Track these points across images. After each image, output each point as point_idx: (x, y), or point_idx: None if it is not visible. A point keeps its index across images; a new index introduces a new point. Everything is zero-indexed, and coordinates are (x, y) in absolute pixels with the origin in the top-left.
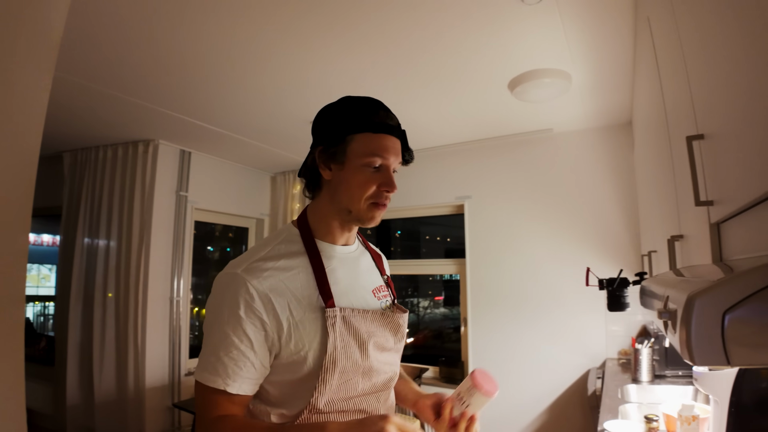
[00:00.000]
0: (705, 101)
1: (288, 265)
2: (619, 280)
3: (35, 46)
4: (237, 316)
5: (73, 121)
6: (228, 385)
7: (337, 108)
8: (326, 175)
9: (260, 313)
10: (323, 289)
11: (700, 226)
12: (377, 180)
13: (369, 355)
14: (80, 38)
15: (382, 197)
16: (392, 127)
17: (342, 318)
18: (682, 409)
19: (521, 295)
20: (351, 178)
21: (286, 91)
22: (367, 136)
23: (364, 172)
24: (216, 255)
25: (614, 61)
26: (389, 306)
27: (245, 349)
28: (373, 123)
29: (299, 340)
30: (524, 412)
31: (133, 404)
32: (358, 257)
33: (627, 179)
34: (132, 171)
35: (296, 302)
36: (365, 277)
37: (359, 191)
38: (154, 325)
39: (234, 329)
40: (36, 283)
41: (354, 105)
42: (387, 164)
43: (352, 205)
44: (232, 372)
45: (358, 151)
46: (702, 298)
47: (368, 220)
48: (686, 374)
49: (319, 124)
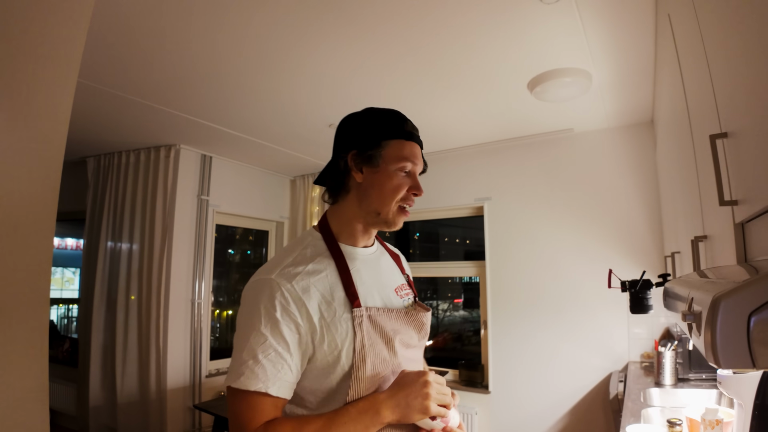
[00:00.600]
0: (728, 99)
1: (316, 269)
2: (642, 282)
3: (59, 53)
4: (274, 318)
5: (97, 127)
6: (269, 387)
7: (367, 116)
8: (358, 178)
9: (295, 316)
10: (349, 290)
11: (724, 226)
12: (407, 183)
13: (396, 351)
14: (103, 45)
15: (410, 200)
16: (417, 136)
17: (368, 317)
18: (706, 413)
19: (542, 298)
20: (385, 181)
21: (306, 95)
22: (400, 142)
23: (397, 175)
24: (237, 258)
25: (635, 59)
26: (412, 304)
27: (282, 351)
28: (404, 131)
29: (332, 341)
30: (545, 415)
31: (155, 405)
32: (379, 258)
33: (649, 179)
34: (154, 175)
35: (326, 304)
36: (387, 277)
37: (392, 193)
38: (176, 327)
39: (272, 331)
40: (60, 286)
41: (384, 114)
42: (415, 170)
43: (383, 207)
44: (272, 374)
45: (392, 155)
46: (727, 300)
47: (394, 224)
48: (710, 377)
49: (350, 131)
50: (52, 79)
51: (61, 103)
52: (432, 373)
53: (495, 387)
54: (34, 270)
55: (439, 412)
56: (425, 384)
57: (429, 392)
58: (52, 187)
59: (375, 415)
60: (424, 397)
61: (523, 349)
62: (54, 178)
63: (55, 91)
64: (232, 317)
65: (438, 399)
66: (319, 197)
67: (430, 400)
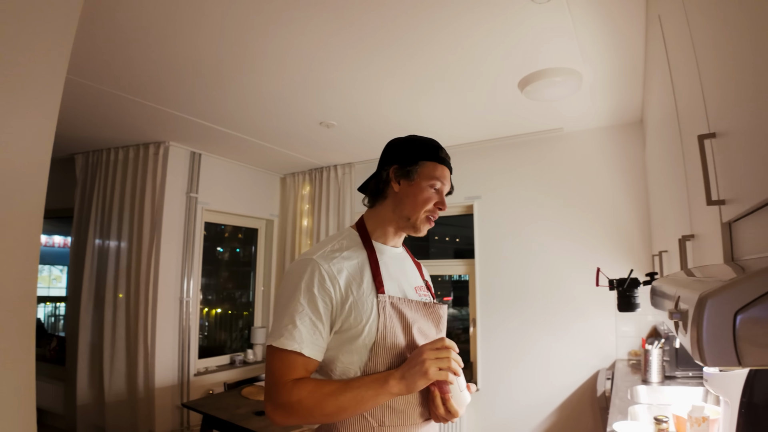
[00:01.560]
0: (717, 99)
1: (350, 256)
2: (630, 281)
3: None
4: (311, 292)
5: (85, 123)
6: (303, 348)
7: (410, 140)
8: (396, 188)
9: (330, 291)
10: (377, 278)
11: (711, 225)
12: (435, 198)
13: (414, 337)
14: (92, 42)
15: (435, 212)
16: (449, 163)
17: (391, 303)
18: (692, 411)
19: (531, 296)
20: (418, 193)
21: (297, 93)
22: (434, 164)
23: (428, 190)
24: (226, 256)
25: (625, 59)
26: (430, 302)
27: (316, 320)
28: (438, 156)
29: (358, 315)
30: (534, 413)
31: (143, 404)
32: (404, 259)
33: (638, 178)
34: (143, 173)
35: (356, 285)
36: (409, 275)
37: (423, 204)
38: (164, 325)
39: (309, 302)
40: (47, 284)
41: (424, 140)
42: (442, 189)
43: (414, 214)
44: (307, 338)
45: (426, 173)
46: (714, 298)
47: (420, 230)
48: (696, 375)
49: (394, 149)
50: (41, 76)
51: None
52: (431, 342)
53: (484, 384)
54: (21, 267)
55: (441, 375)
56: (421, 351)
57: (425, 358)
58: (40, 183)
59: (384, 383)
60: (421, 363)
61: (511, 347)
62: (42, 174)
63: (43, 87)
64: (221, 315)
65: (437, 363)
66: (309, 195)
67: (428, 365)
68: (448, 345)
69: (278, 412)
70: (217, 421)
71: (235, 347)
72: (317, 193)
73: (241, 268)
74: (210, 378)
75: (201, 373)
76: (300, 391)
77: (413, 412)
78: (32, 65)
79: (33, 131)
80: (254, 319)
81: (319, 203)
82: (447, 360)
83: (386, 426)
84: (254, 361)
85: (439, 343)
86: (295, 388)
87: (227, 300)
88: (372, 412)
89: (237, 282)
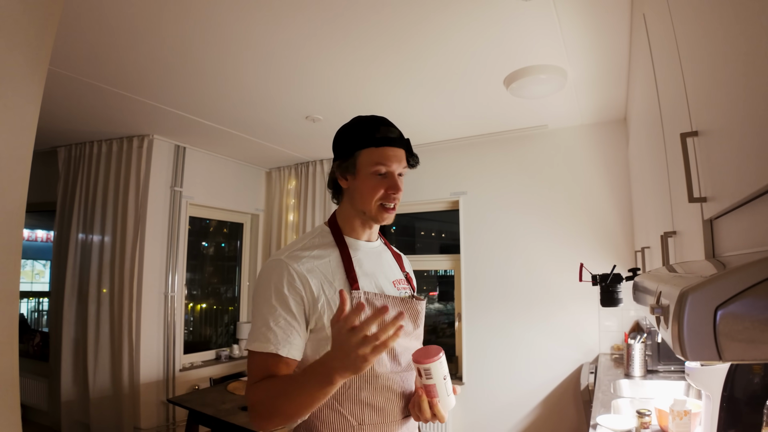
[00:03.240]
0: (699, 98)
1: (321, 254)
2: (612, 276)
3: (30, 40)
4: (282, 293)
5: (68, 115)
6: (279, 349)
7: (347, 129)
8: (344, 185)
9: (300, 290)
10: (350, 274)
11: (693, 222)
12: (384, 185)
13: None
14: (75, 33)
15: (390, 198)
16: (392, 139)
17: (366, 299)
18: (674, 404)
19: (515, 291)
20: (362, 186)
21: (283, 86)
22: (371, 150)
23: (373, 179)
24: (211, 251)
25: (610, 57)
26: (409, 297)
27: (290, 320)
28: (374, 138)
29: (332, 314)
30: (518, 406)
31: (128, 400)
32: (381, 252)
33: (621, 176)
34: (126, 166)
35: (328, 284)
36: (387, 269)
37: (369, 195)
38: (149, 320)
39: (281, 303)
40: (30, 279)
41: (360, 125)
42: (391, 171)
43: (366, 207)
44: (282, 338)
45: (365, 162)
46: (694, 294)
47: (378, 220)
48: (678, 369)
49: (335, 144)
50: (22, 67)
51: (31, 91)
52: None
53: (469, 378)
54: (3, 262)
55: (379, 351)
56: (349, 334)
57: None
58: (22, 177)
59: (328, 383)
60: (347, 355)
61: (496, 341)
62: (24, 168)
63: (25, 78)
64: (206, 310)
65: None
66: (295, 189)
67: (362, 349)
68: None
69: (251, 415)
70: (202, 416)
71: (221, 342)
72: (303, 188)
73: (227, 263)
74: (195, 373)
75: (186, 369)
76: (258, 392)
77: (394, 409)
78: (13, 56)
79: (14, 123)
80: (240, 315)
81: (305, 198)
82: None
83: (366, 424)
84: (240, 356)
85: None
86: (256, 389)
87: (212, 295)
88: (352, 411)
89: (222, 277)
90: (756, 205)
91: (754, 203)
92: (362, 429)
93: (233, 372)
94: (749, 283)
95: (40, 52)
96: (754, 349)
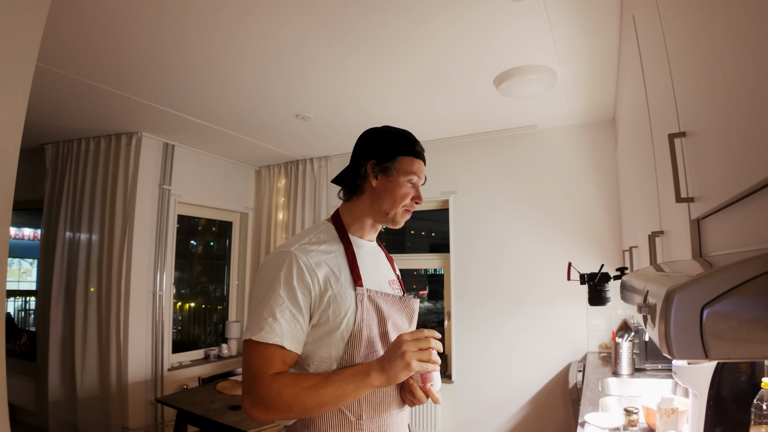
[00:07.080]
0: (688, 99)
1: (328, 249)
2: (600, 275)
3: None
4: (291, 284)
5: (56, 112)
6: (284, 341)
7: (386, 133)
8: (374, 183)
9: (308, 283)
10: (354, 271)
11: (680, 222)
12: (412, 193)
13: (388, 330)
14: (64, 29)
15: (412, 206)
16: (424, 155)
17: (368, 297)
18: (662, 402)
19: (504, 290)
20: (396, 189)
21: (273, 84)
22: (412, 159)
23: (405, 185)
24: (199, 249)
25: (599, 58)
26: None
27: (296, 313)
28: (415, 150)
29: (337, 308)
30: (507, 404)
31: (116, 399)
32: (378, 253)
33: (610, 176)
34: (115, 164)
35: (335, 278)
36: (383, 269)
37: (401, 199)
38: (137, 319)
39: (288, 295)
40: (17, 278)
41: (400, 133)
42: (418, 182)
43: (392, 209)
44: (287, 331)
45: (403, 169)
46: (681, 293)
47: (398, 223)
48: (666, 368)
49: (371, 143)
50: (10, 63)
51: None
52: (410, 333)
53: (458, 377)
54: None
55: (423, 367)
56: (401, 343)
57: (405, 350)
58: (9, 175)
59: (365, 377)
60: (401, 356)
61: (485, 340)
62: (10, 165)
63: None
64: (194, 309)
65: (418, 354)
66: (285, 188)
67: (409, 357)
68: (428, 335)
69: (257, 408)
70: (191, 416)
71: (210, 342)
72: (293, 186)
73: (215, 262)
74: (184, 373)
75: (175, 368)
76: (279, 385)
77: (391, 402)
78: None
79: (1, 120)
80: (229, 314)
81: (294, 196)
82: (427, 352)
83: (364, 419)
84: (229, 355)
85: (418, 333)
86: (274, 382)
87: (201, 294)
88: (350, 406)
89: (211, 276)
90: (742, 206)
91: (740, 203)
92: (360, 423)
93: (222, 371)
94: (735, 282)
95: (28, 48)
96: (740, 347)
